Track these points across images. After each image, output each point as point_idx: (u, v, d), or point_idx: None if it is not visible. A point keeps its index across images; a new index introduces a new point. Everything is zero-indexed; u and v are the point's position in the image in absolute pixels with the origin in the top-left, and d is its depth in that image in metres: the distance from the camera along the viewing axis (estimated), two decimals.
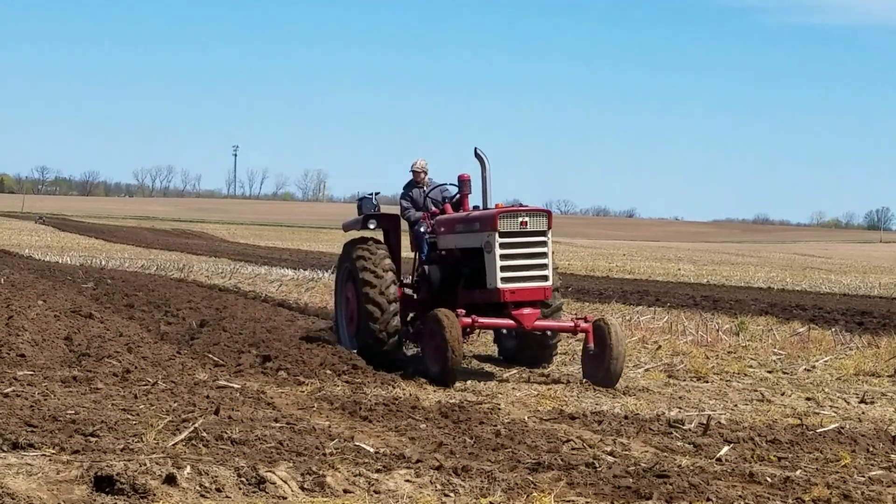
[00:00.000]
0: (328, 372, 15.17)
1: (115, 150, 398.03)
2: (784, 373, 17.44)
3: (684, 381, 16.15)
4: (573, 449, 10.90)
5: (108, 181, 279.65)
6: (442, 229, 16.68)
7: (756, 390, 15.22)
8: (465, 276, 16.11)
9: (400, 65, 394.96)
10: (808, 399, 14.82)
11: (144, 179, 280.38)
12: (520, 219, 15.28)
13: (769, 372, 17.35)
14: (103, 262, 44.29)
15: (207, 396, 12.56)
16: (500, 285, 15.07)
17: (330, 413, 12.33)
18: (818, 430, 12.41)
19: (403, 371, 15.78)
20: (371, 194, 17.75)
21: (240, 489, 8.54)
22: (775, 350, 19.94)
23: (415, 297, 17.08)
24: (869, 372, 17.50)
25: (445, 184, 17.63)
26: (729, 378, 16.57)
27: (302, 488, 8.67)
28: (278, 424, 11.13)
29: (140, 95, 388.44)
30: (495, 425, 11.80)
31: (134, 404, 11.92)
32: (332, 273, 40.36)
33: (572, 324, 15.60)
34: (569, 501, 8.79)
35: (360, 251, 16.45)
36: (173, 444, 9.87)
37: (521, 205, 15.70)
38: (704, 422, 12.36)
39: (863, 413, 13.89)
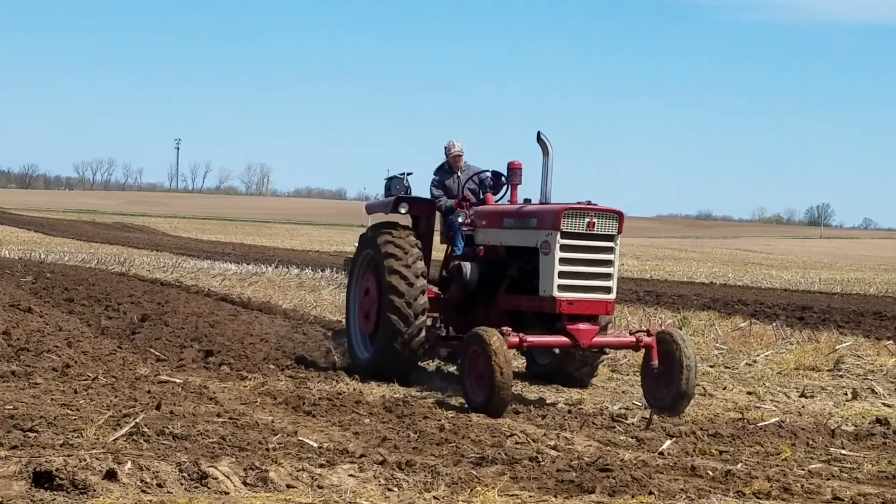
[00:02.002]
0: (271, 366, 15.13)
1: (55, 143, 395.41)
2: (726, 367, 17.58)
3: (627, 375, 16.23)
4: (517, 443, 10.94)
5: (47, 174, 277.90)
6: (483, 222, 14.77)
7: (698, 384, 15.33)
8: (510, 279, 14.26)
9: (344, 58, 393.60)
10: (749, 393, 14.94)
11: (85, 172, 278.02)
12: (587, 219, 13.17)
13: (711, 366, 17.47)
14: (43, 256, 43.86)
15: (149, 391, 12.48)
16: (556, 294, 13.05)
17: (273, 408, 12.29)
18: (759, 424, 12.53)
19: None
20: (403, 174, 15.68)
21: (181, 484, 8.50)
22: (717, 345, 20.10)
23: (441, 295, 15.15)
24: (809, 366, 17.67)
25: (487, 170, 15.77)
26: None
27: (245, 483, 8.64)
28: (221, 419, 11.09)
29: (81, 87, 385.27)
30: (439, 420, 11.82)
31: (74, 399, 11.82)
32: (275, 267, 40.45)
33: (633, 338, 13.35)
34: (512, 496, 8.81)
35: (390, 245, 14.37)
36: (114, 440, 9.80)
37: (590, 203, 13.38)
38: (647, 416, 12.46)
39: (803, 407, 14.03)
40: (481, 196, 15.49)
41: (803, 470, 10.32)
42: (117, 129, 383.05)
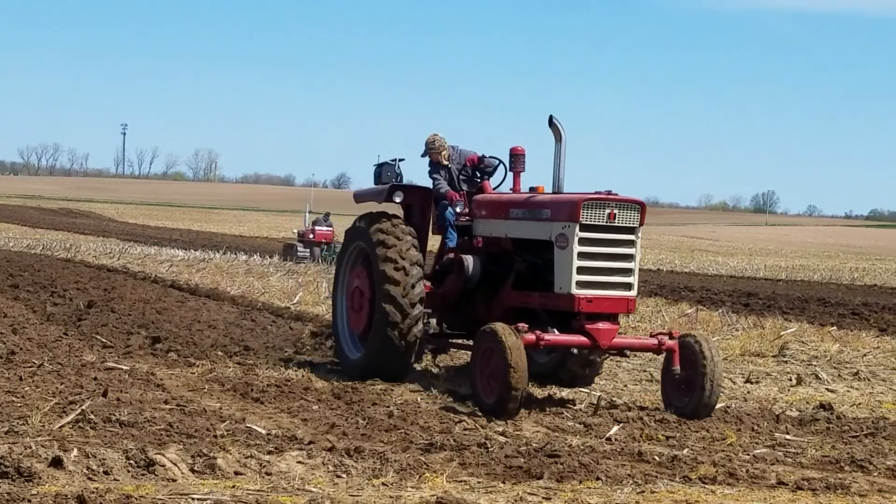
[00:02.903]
0: (219, 353, 15.05)
1: None
2: None
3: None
4: (465, 429, 10.95)
5: None
6: (483, 212, 13.59)
7: (645, 370, 15.39)
8: (517, 273, 13.13)
9: (292, 44, 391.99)
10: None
11: (30, 157, 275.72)
12: (608, 210, 12.03)
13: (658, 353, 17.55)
14: None
15: (95, 378, 12.38)
16: (574, 291, 11.90)
17: (221, 395, 12.24)
18: None
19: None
20: (394, 160, 14.50)
21: (128, 472, 8.46)
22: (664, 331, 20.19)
23: (435, 290, 13.94)
24: (754, 352, 17.81)
25: (484, 156, 14.39)
26: (618, 359, 16.66)
27: (192, 470, 8.61)
28: (168, 406, 11.02)
29: (25, 70, 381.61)
30: (388, 406, 11.81)
31: (19, 386, 11.71)
32: (223, 253, 40.31)
33: (655, 341, 12.31)
34: (461, 482, 8.82)
35: (383, 234, 13.28)
36: (60, 427, 9.73)
37: (610, 193, 12.27)
38: (595, 402, 12.50)
39: (748, 392, 14.13)
40: (477, 183, 14.36)
41: (748, 455, 10.40)
42: (63, 113, 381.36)
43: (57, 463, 8.35)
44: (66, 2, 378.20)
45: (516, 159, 13.86)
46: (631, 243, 12.23)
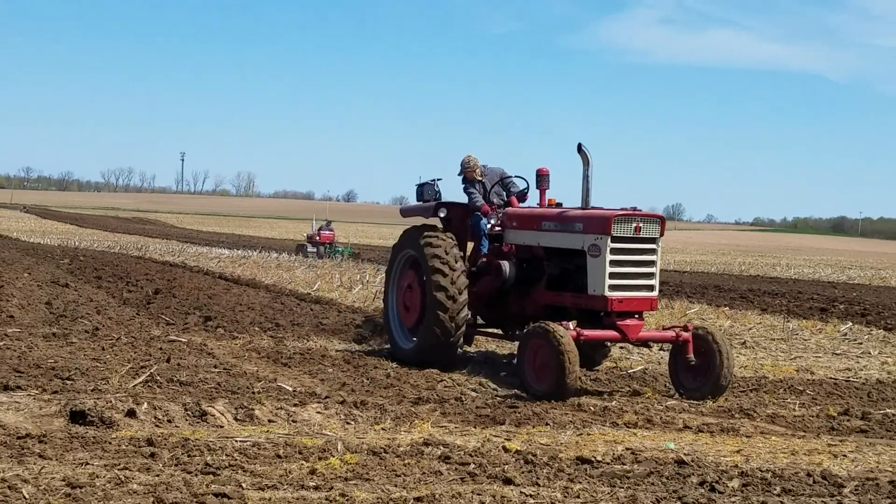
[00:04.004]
0: (256, 329, 15.02)
1: (86, 154, 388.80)
2: None
3: None
4: (446, 387, 10.96)
5: (80, 179, 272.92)
6: (514, 223, 12.66)
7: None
8: (549, 276, 12.22)
9: (313, 87, 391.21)
10: (621, 348, 15.04)
11: (110, 178, 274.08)
12: (634, 224, 11.30)
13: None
14: (77, 243, 43.30)
15: (160, 348, 12.35)
16: (607, 293, 11.15)
17: (258, 360, 12.21)
18: (629, 371, 12.65)
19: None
20: (433, 181, 13.44)
21: (186, 420, 8.45)
22: None
23: (473, 290, 12.67)
24: (667, 327, 17.71)
25: (511, 177, 13.48)
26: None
27: (236, 419, 8.60)
28: (217, 370, 11.00)
29: (109, 109, 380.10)
30: (386, 370, 11.80)
31: (101, 355, 11.67)
32: (259, 252, 40.25)
33: (673, 333, 11.47)
34: (442, 427, 8.83)
35: (429, 238, 12.44)
36: (133, 386, 9.70)
37: (635, 209, 11.56)
38: None
39: (662, 358, 14.14)
40: (506, 199, 13.38)
41: (661, 406, 10.43)
42: (135, 143, 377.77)
43: (131, 413, 8.36)
44: (142, 60, 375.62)
45: (542, 178, 12.98)
46: (653, 251, 11.48)
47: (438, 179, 13.41)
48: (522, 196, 13.34)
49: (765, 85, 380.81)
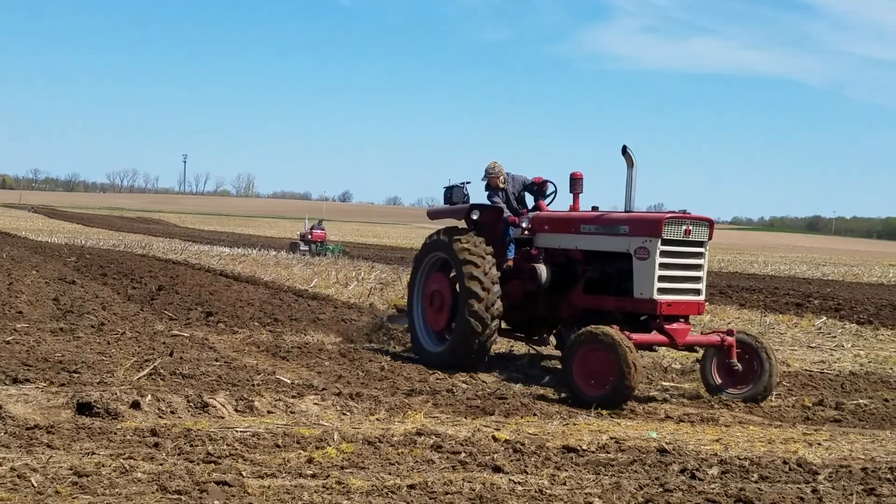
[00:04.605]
0: (256, 323, 14.99)
1: (92, 156, 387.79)
2: None
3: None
4: (437, 379, 10.94)
5: (86, 180, 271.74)
6: (546, 227, 11.95)
7: None
8: (587, 280, 11.50)
9: (312, 92, 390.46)
10: None
11: (115, 179, 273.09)
12: (684, 226, 10.57)
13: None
14: (83, 242, 43.14)
15: (164, 342, 12.32)
16: (656, 297, 10.44)
17: (257, 354, 12.19)
18: None
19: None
20: (462, 183, 12.69)
21: (189, 412, 8.43)
22: None
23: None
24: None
25: (535, 183, 12.60)
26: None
27: (236, 410, 8.58)
28: (218, 363, 10.97)
29: (114, 114, 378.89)
30: (380, 363, 11.78)
31: (107, 349, 11.64)
32: (258, 250, 40.22)
33: (718, 337, 10.68)
34: (434, 417, 8.84)
35: (462, 243, 11.71)
36: (137, 378, 9.68)
37: (685, 212, 10.77)
38: (529, 353, 12.50)
39: (643, 353, 14.12)
40: (534, 202, 12.63)
41: (644, 396, 10.44)
42: (139, 146, 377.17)
43: (135, 405, 8.33)
44: (147, 70, 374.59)
45: (575, 182, 12.13)
46: (701, 255, 10.76)
47: (467, 182, 12.72)
48: (550, 199, 12.56)
49: (744, 90, 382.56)
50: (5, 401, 8.30)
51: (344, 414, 8.74)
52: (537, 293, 11.82)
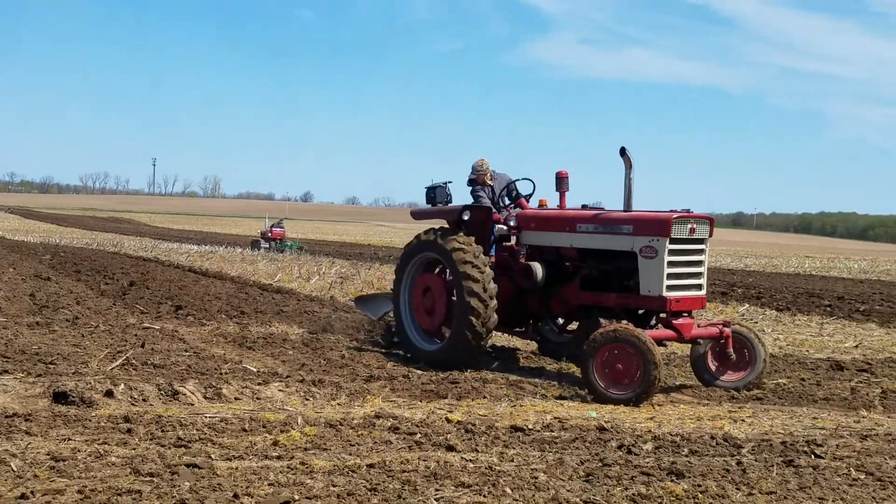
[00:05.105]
0: (223, 316, 14.86)
1: (65, 159, 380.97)
2: None
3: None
4: (394, 366, 10.93)
5: (60, 182, 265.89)
6: (533, 225, 11.39)
7: None
8: (583, 277, 11.03)
9: (275, 96, 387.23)
10: None
11: (87, 181, 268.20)
12: (689, 225, 10.17)
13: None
14: (57, 241, 42.45)
15: (135, 335, 12.17)
16: (665, 293, 10.03)
17: (225, 345, 12.08)
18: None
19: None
20: (444, 183, 12.05)
21: (160, 399, 8.35)
22: None
23: None
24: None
25: (517, 180, 11.95)
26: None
27: (205, 397, 8.51)
28: (187, 353, 10.86)
29: (85, 117, 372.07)
30: (341, 352, 11.74)
31: (81, 341, 11.47)
32: (225, 247, 39.85)
33: (717, 329, 10.35)
34: (391, 401, 8.83)
35: (458, 244, 11.01)
36: (111, 369, 9.56)
37: (688, 211, 10.35)
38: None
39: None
40: (511, 200, 11.92)
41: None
42: (111, 149, 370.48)
43: (109, 393, 8.24)
44: (118, 77, 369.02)
45: (561, 181, 11.60)
46: (703, 251, 10.36)
47: (449, 182, 12.10)
48: (528, 198, 11.95)
49: (674, 97, 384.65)
50: None
51: (307, 399, 8.70)
52: (528, 290, 11.25)
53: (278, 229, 41.56)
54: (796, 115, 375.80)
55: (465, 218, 11.39)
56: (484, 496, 5.80)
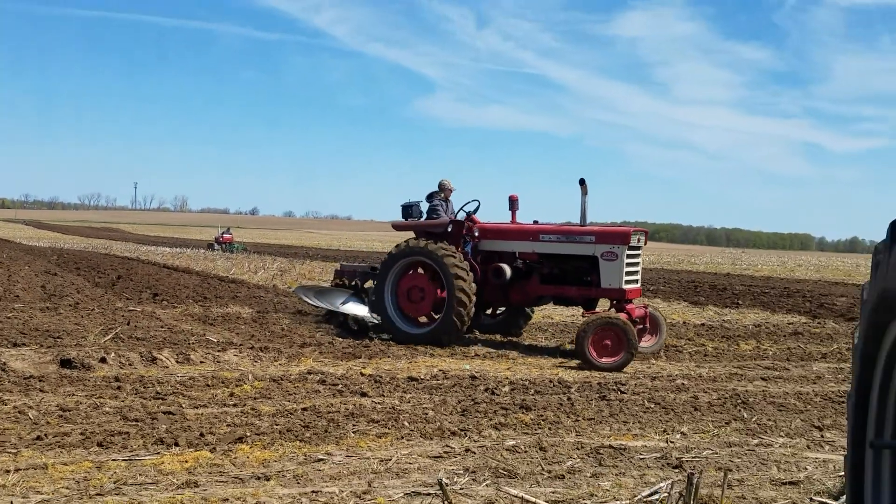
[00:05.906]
0: (190, 300, 14.32)
1: (67, 182, 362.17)
2: None
3: None
4: (322, 335, 10.53)
5: (64, 201, 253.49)
6: (489, 235, 10.67)
7: None
8: (542, 275, 10.47)
9: (236, 125, 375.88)
10: None
11: (85, 200, 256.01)
12: (637, 235, 10.14)
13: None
14: (62, 245, 40.33)
15: (123, 315, 11.64)
16: (624, 286, 9.87)
17: (192, 322, 11.67)
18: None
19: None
20: (417, 202, 11.18)
21: (142, 364, 8.02)
22: None
23: None
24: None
25: (474, 200, 10.98)
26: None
27: (177, 362, 8.22)
28: (163, 329, 10.46)
29: (84, 148, 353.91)
30: (282, 326, 11.46)
31: (81, 321, 10.91)
32: (192, 249, 38.55)
33: (644, 311, 10.16)
34: (320, 361, 8.70)
35: (444, 250, 10.28)
36: (104, 341, 9.13)
37: (637, 226, 10.32)
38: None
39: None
40: (464, 215, 10.99)
41: (462, 341, 10.48)
42: (103, 175, 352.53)
43: (103, 360, 7.89)
44: (108, 113, 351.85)
45: (513, 203, 11.01)
46: (639, 254, 10.32)
47: (419, 202, 11.20)
48: (475, 212, 11.01)
49: (520, 141, 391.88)
50: (8, 359, 7.72)
51: (256, 361, 8.50)
52: (494, 285, 10.55)
53: (227, 235, 41.37)
54: (604, 152, 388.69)
55: (449, 230, 10.71)
56: (388, 428, 5.81)
